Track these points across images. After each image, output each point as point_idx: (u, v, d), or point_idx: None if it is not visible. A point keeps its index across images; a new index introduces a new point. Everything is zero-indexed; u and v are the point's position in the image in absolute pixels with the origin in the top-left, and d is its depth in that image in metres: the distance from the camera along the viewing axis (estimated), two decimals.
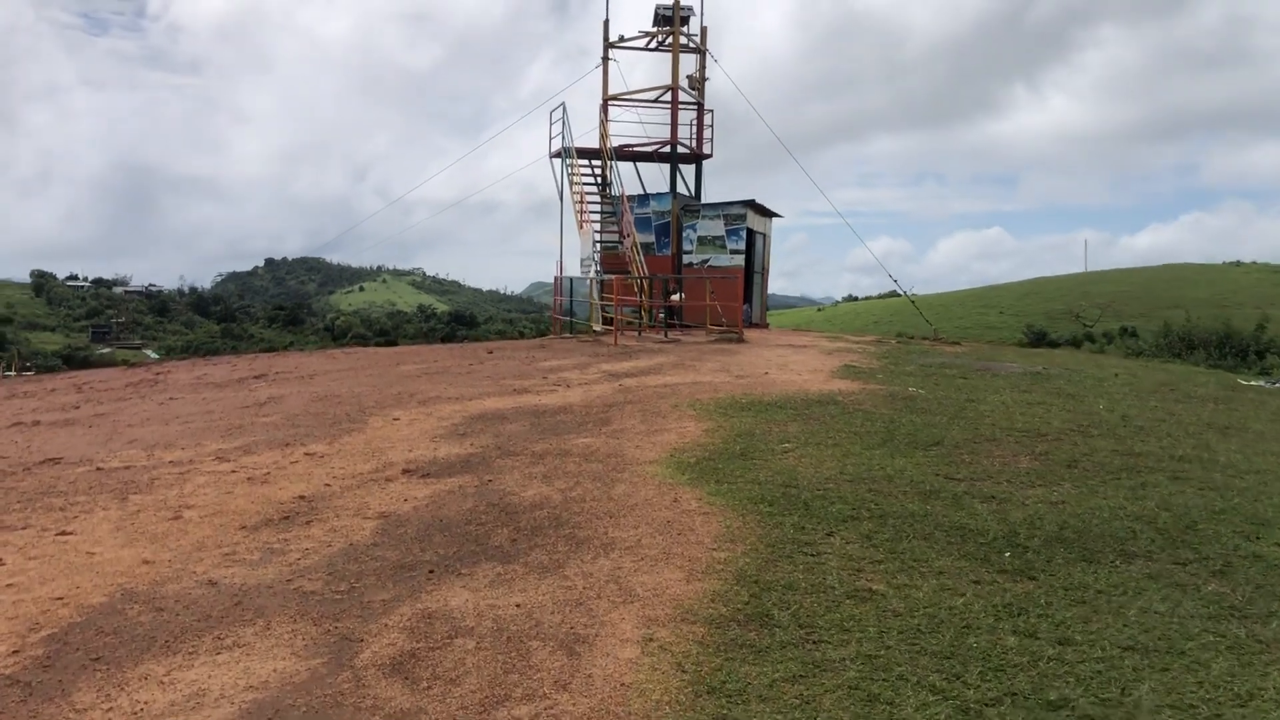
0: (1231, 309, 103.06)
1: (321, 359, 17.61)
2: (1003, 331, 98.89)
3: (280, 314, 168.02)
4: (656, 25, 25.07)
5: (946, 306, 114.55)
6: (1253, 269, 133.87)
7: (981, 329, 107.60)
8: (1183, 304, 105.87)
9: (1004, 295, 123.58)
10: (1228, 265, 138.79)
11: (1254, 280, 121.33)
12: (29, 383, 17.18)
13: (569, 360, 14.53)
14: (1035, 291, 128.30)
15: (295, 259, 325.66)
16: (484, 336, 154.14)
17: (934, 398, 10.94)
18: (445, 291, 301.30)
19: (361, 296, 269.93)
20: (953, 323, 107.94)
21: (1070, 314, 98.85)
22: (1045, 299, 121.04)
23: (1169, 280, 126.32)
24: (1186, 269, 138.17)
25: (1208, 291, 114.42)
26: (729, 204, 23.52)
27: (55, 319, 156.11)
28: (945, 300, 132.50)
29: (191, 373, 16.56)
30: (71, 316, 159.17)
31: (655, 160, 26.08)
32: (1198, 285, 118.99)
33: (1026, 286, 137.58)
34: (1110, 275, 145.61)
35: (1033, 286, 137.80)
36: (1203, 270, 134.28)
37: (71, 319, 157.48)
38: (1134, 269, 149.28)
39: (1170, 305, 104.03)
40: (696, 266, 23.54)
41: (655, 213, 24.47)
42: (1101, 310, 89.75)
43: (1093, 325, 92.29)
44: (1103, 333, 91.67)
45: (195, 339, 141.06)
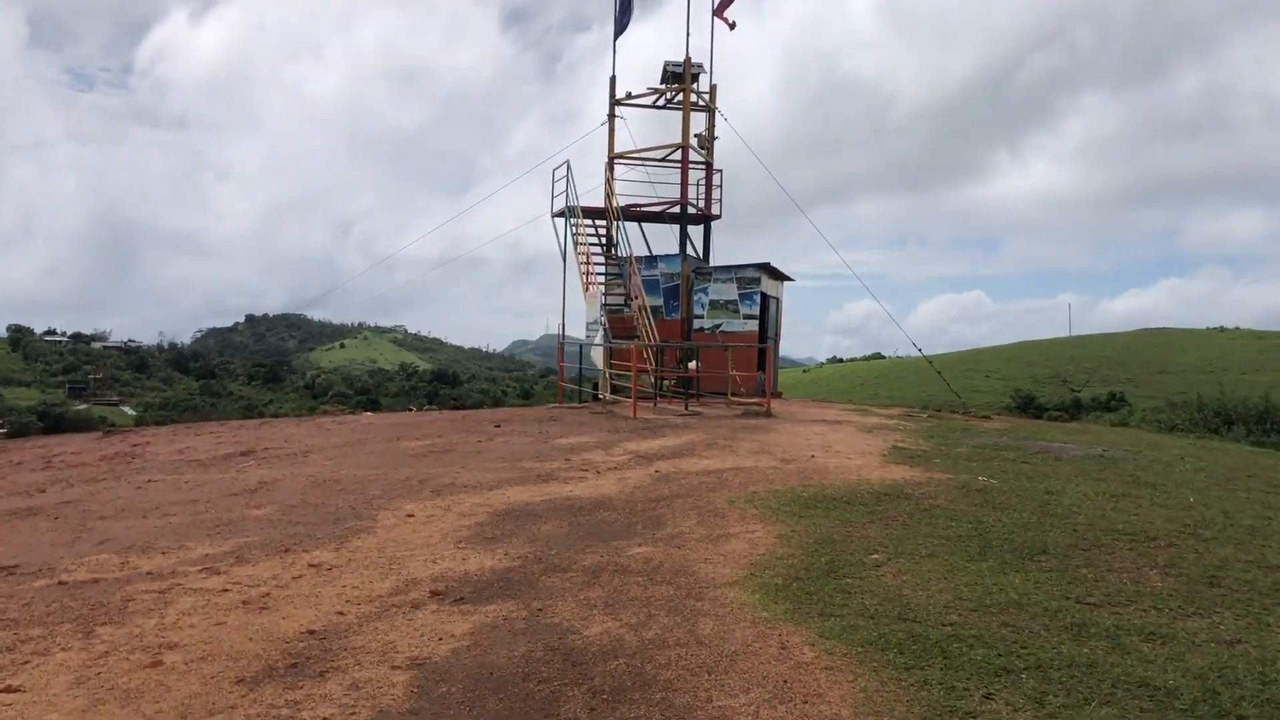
0: (1219, 374, 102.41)
1: (313, 431, 16.34)
2: (989, 396, 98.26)
3: (260, 371, 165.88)
4: (665, 82, 24.23)
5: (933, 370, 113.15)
6: (1236, 334, 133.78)
7: (969, 393, 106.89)
8: (1170, 369, 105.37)
9: (990, 359, 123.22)
10: (1211, 330, 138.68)
11: (1238, 345, 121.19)
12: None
13: (588, 437, 13.31)
14: (1020, 355, 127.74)
15: (276, 315, 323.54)
16: (467, 396, 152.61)
17: (1009, 489, 9.77)
18: (427, 349, 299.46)
19: (342, 353, 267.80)
20: (939, 386, 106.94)
21: (1058, 378, 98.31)
22: (1030, 363, 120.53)
23: (1153, 345, 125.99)
24: (1170, 334, 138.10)
25: (1194, 356, 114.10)
26: (743, 267, 22.50)
27: (31, 374, 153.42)
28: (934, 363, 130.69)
29: (172, 445, 15.25)
30: (48, 372, 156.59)
31: (663, 220, 25.09)
32: (1184, 350, 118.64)
33: (1012, 350, 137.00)
34: (1094, 340, 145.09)
35: (1018, 350, 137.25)
36: (1187, 335, 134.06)
37: (48, 374, 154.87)
38: (1117, 333, 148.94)
39: (1157, 370, 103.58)
40: (708, 332, 22.44)
41: (664, 275, 23.42)
42: (1089, 375, 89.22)
43: (1080, 390, 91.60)
44: (1090, 398, 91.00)
45: (174, 396, 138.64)
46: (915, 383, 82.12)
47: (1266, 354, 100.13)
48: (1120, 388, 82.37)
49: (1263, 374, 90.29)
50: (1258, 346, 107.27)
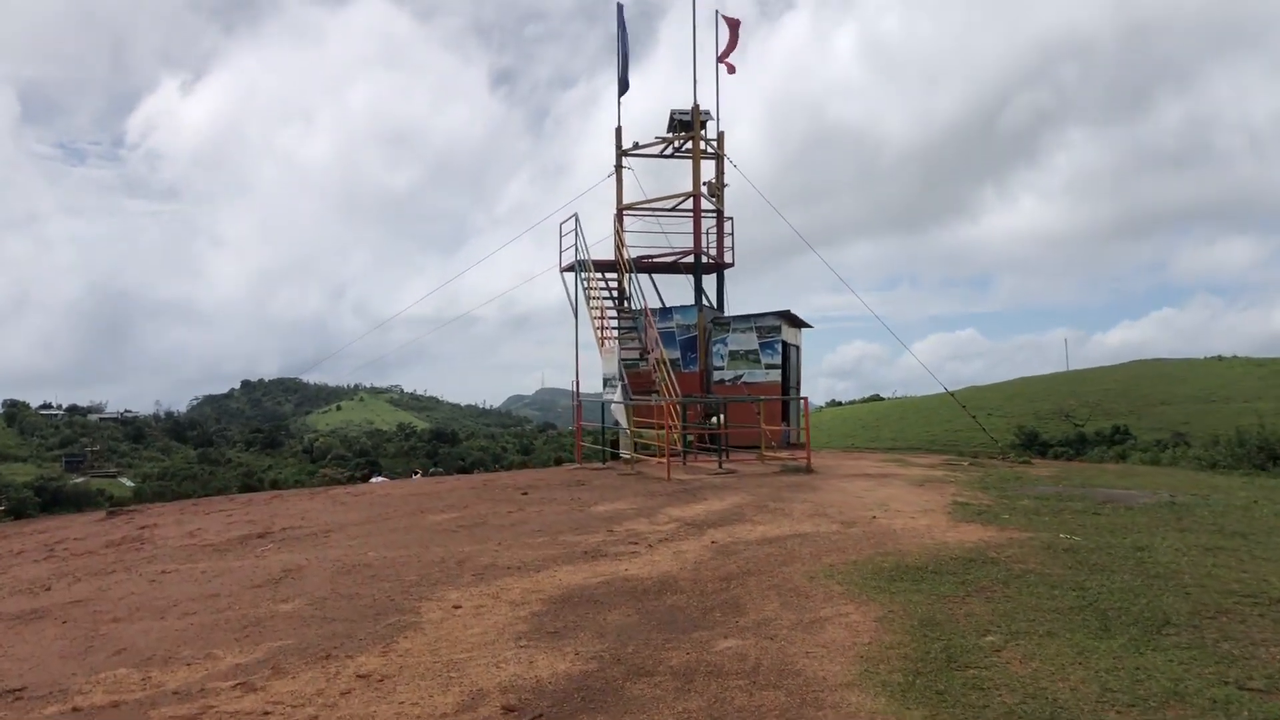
0: (1221, 404, 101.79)
1: (328, 505, 15.54)
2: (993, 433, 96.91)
3: (258, 437, 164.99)
4: (672, 130, 23.76)
5: (933, 409, 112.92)
6: (1235, 363, 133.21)
7: (973, 430, 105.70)
8: (1171, 400, 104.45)
9: (990, 396, 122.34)
10: (1209, 359, 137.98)
11: (1238, 374, 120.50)
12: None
13: (625, 503, 12.54)
14: (1021, 392, 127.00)
15: (272, 380, 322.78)
16: (467, 454, 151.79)
17: (1095, 546, 9.02)
18: (424, 408, 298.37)
19: (339, 416, 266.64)
20: (942, 425, 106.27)
21: (1060, 414, 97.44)
22: (1031, 399, 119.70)
23: (1153, 377, 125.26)
24: (1168, 364, 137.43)
25: (1195, 387, 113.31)
26: (762, 315, 21.87)
27: (27, 449, 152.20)
28: (931, 403, 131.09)
29: (182, 527, 14.44)
30: (44, 446, 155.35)
31: (676, 271, 24.51)
32: (1184, 381, 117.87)
33: (1012, 387, 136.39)
34: (1092, 374, 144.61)
35: (1018, 387, 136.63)
36: (1186, 366, 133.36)
37: (44, 448, 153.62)
38: (1115, 366, 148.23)
39: (1159, 402, 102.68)
40: (729, 383, 21.75)
41: (679, 326, 22.77)
42: (1091, 409, 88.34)
43: (1084, 424, 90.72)
44: (1094, 432, 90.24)
45: (172, 465, 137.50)
46: (917, 424, 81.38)
47: (1267, 381, 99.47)
48: (1122, 420, 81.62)
49: (1265, 401, 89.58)
50: (1258, 374, 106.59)
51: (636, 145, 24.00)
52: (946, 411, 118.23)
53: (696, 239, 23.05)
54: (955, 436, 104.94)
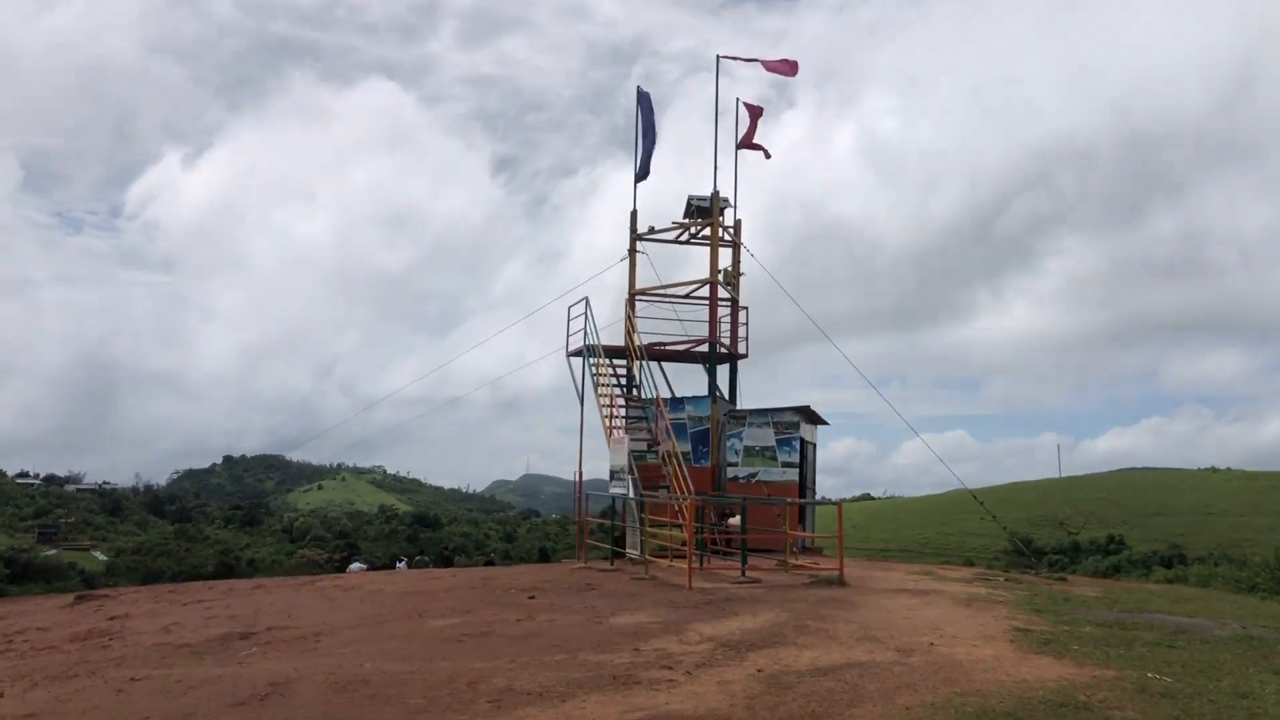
0: (1217, 517, 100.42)
1: (317, 600, 14.35)
2: (986, 539, 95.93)
3: (237, 514, 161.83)
4: (689, 216, 23.08)
5: (928, 511, 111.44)
6: (1229, 475, 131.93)
7: (966, 535, 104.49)
8: (1166, 511, 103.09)
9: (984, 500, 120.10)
10: (1204, 471, 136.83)
11: (1233, 487, 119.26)
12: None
13: (645, 614, 11.42)
14: (1013, 497, 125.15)
15: (254, 456, 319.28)
16: (448, 539, 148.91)
17: (1192, 691, 7.96)
18: (406, 490, 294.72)
19: (320, 495, 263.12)
20: (935, 528, 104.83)
21: (1054, 520, 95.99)
22: (1024, 505, 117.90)
23: (1146, 486, 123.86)
24: (1161, 474, 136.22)
25: (1190, 498, 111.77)
26: (780, 410, 20.93)
27: (1, 518, 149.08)
28: (924, 505, 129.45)
29: (155, 620, 13.23)
30: (18, 516, 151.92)
31: (688, 360, 23.64)
32: (1178, 492, 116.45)
33: (1004, 492, 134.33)
34: (1085, 481, 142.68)
35: (1010, 492, 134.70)
36: (1179, 476, 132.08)
37: (18, 518, 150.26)
38: (1108, 474, 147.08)
39: (1153, 513, 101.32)
40: (743, 481, 20.71)
41: (691, 418, 21.79)
42: (1085, 518, 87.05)
43: (1077, 533, 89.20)
44: (1089, 541, 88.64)
45: (148, 540, 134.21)
46: (911, 523, 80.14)
47: (1263, 495, 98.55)
48: (1117, 530, 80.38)
49: (1262, 517, 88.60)
50: (1253, 487, 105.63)
51: (652, 230, 23.29)
52: (940, 514, 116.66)
53: (712, 327, 22.21)
54: (948, 540, 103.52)
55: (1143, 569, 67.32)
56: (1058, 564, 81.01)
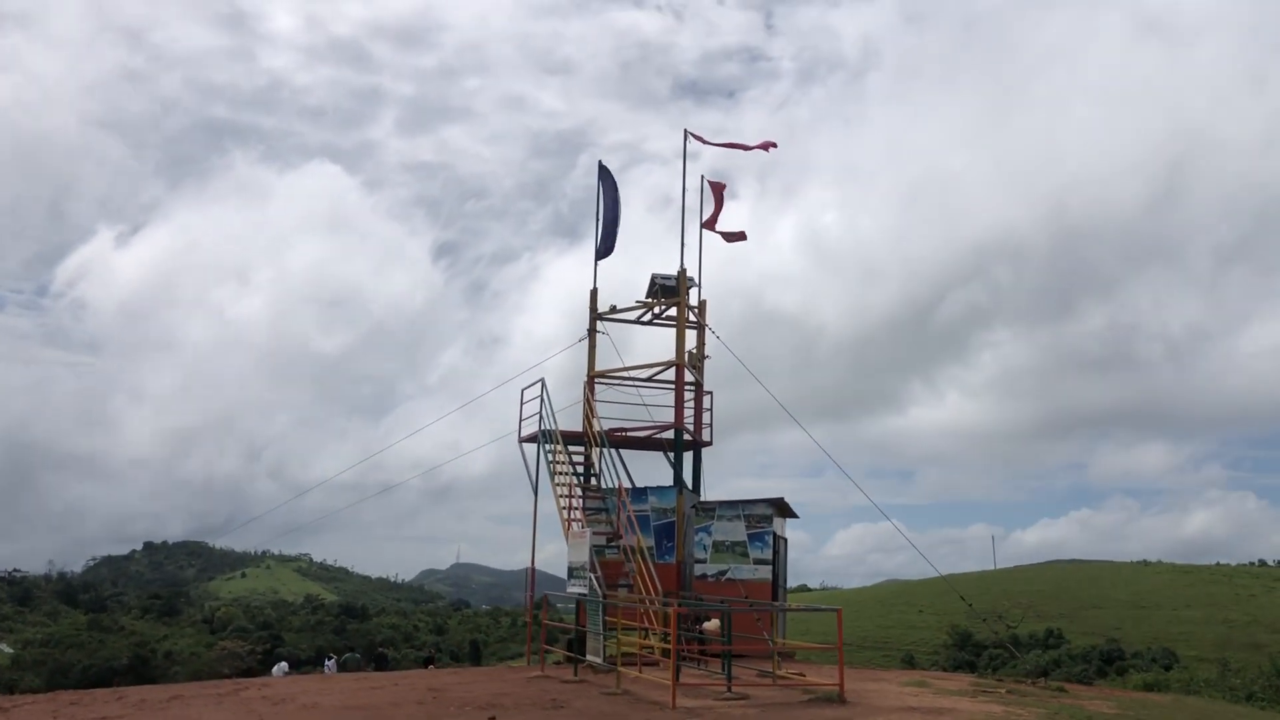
0: (1151, 610, 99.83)
1: (240, 717, 12.49)
2: (925, 631, 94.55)
3: (155, 604, 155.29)
4: (652, 295, 21.92)
5: (864, 604, 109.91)
6: (1161, 568, 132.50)
7: (904, 628, 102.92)
8: (1102, 604, 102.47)
9: (920, 592, 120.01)
10: (1135, 564, 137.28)
11: (1165, 580, 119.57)
12: None
13: None
14: (950, 591, 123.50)
15: (176, 543, 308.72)
16: (376, 631, 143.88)
17: None
18: (333, 579, 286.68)
19: (243, 584, 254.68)
20: (875, 620, 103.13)
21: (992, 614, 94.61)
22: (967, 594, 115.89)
23: (1081, 579, 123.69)
24: (1096, 568, 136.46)
25: (1125, 591, 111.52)
26: (752, 502, 19.54)
27: None
28: (862, 596, 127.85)
29: None
30: None
31: (650, 447, 22.26)
32: (1112, 585, 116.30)
33: (941, 584, 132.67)
34: (1022, 572, 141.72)
35: (946, 584, 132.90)
36: (1113, 569, 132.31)
37: None
38: (1042, 564, 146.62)
39: (1090, 605, 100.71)
40: (712, 579, 19.21)
41: (655, 510, 20.31)
42: (1024, 611, 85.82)
43: (1016, 626, 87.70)
44: (1028, 634, 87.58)
45: (58, 632, 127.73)
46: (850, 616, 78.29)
47: (1194, 589, 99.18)
48: (1055, 624, 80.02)
49: (1194, 609, 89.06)
50: (1184, 581, 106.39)
51: (614, 309, 22.05)
52: (879, 607, 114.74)
53: (679, 412, 20.89)
54: (888, 634, 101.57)
55: (1083, 663, 66.58)
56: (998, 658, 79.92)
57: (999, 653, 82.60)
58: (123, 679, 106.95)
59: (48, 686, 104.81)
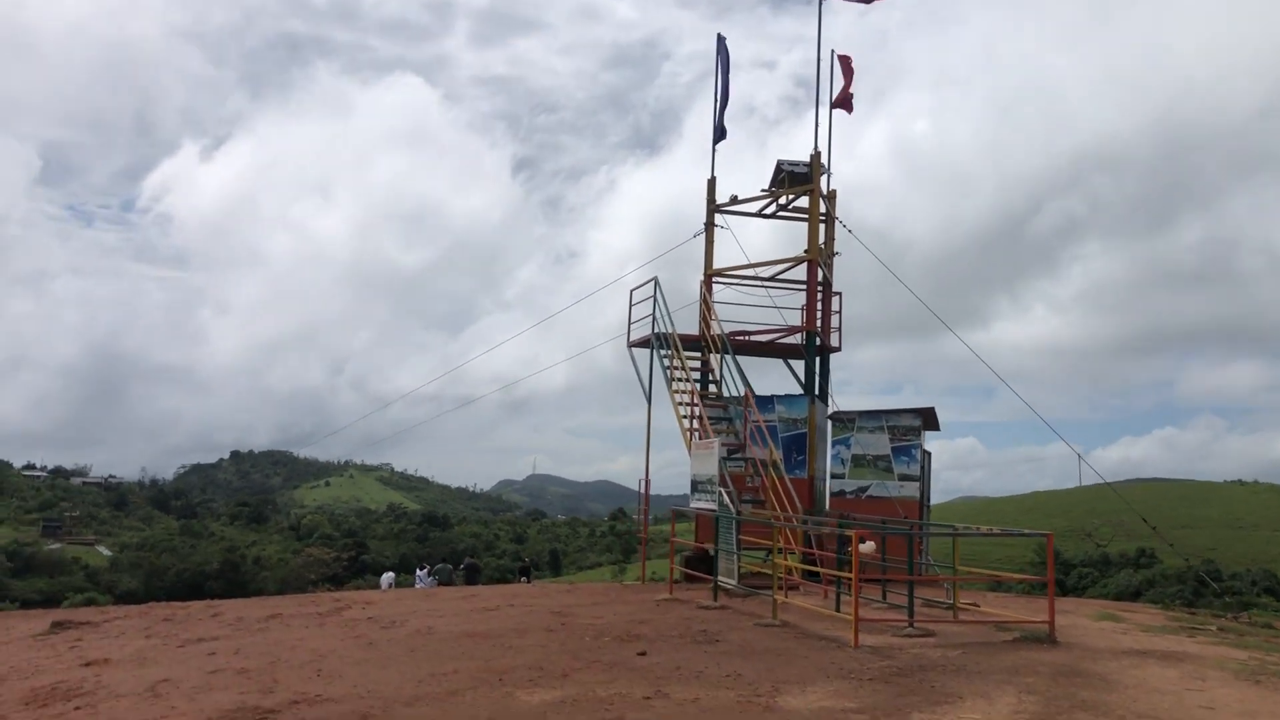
0: (1249, 531, 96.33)
1: (350, 644, 11.11)
2: (1012, 549, 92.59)
3: (244, 510, 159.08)
4: (777, 185, 19.84)
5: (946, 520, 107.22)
6: (1258, 488, 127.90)
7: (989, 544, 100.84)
8: (1193, 523, 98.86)
9: (1005, 510, 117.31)
10: (1230, 484, 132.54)
11: (1262, 501, 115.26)
12: None
13: (824, 692, 8.12)
14: (1037, 507, 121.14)
15: (261, 452, 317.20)
16: (458, 540, 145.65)
17: None
18: (413, 488, 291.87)
19: (327, 492, 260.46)
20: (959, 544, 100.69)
21: (1081, 533, 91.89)
22: (1048, 514, 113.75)
23: (1172, 498, 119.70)
24: (1186, 486, 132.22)
25: (1218, 510, 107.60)
26: (897, 413, 17.66)
27: (5, 510, 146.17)
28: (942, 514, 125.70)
29: (141, 673, 10.00)
30: (23, 508, 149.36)
31: (769, 353, 20.42)
32: (1206, 504, 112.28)
33: (1027, 502, 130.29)
34: (1107, 491, 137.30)
35: (1033, 502, 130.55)
36: (1206, 489, 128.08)
37: (23, 510, 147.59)
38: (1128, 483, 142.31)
39: (1180, 524, 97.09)
40: (850, 496, 17.45)
41: (783, 420, 18.52)
42: (1114, 530, 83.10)
43: (1106, 545, 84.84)
44: (1119, 553, 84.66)
45: (152, 536, 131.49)
46: None
47: None
48: (1145, 543, 77.13)
49: None
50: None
51: (735, 199, 20.04)
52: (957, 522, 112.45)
53: (810, 312, 18.96)
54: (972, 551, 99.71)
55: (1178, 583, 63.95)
56: (1088, 578, 77.53)
57: (1089, 571, 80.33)
58: (214, 583, 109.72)
59: (144, 589, 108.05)
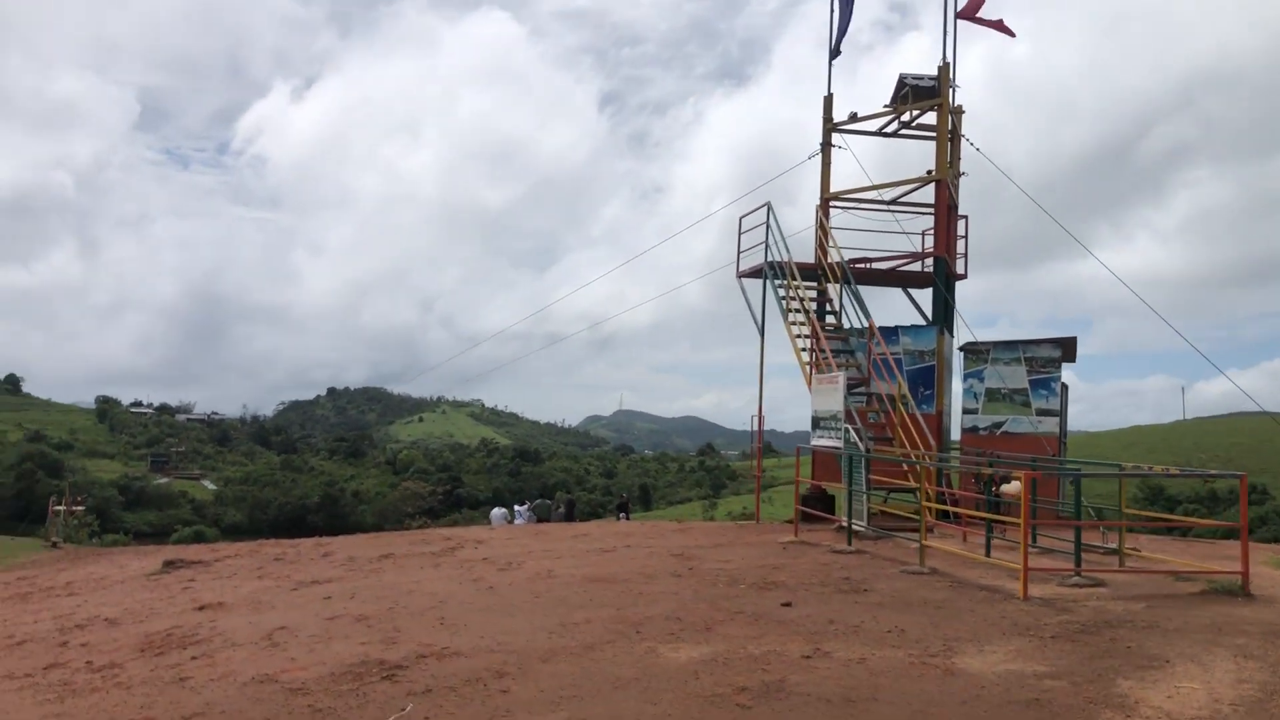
0: None
1: (470, 589, 10.55)
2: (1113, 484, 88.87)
3: (341, 445, 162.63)
4: (898, 101, 18.55)
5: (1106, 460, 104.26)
6: None
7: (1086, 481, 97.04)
8: None
9: (1105, 445, 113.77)
10: None
11: None
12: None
13: (1004, 653, 7.24)
14: (1138, 441, 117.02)
15: (357, 389, 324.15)
16: (549, 474, 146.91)
17: None
18: (504, 424, 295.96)
19: (421, 428, 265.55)
20: None
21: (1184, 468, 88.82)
22: (1149, 449, 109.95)
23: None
24: None
25: None
26: (1036, 343, 16.46)
27: (115, 446, 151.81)
28: None
29: (257, 617, 9.57)
30: (132, 444, 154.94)
31: (890, 282, 19.31)
32: None
33: (1127, 435, 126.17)
34: (1213, 425, 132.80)
35: (1134, 436, 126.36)
36: None
37: (132, 446, 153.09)
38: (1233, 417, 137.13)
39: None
40: (983, 433, 16.38)
41: (908, 352, 17.46)
42: (1221, 465, 79.73)
43: (1213, 481, 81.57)
44: (1228, 490, 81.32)
45: (255, 471, 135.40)
46: None
47: None
48: (1256, 479, 73.94)
49: None
50: None
51: (854, 116, 18.80)
52: None
53: (940, 237, 17.77)
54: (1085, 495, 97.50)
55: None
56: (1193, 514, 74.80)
57: (1195, 507, 77.48)
58: (315, 516, 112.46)
59: (248, 521, 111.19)
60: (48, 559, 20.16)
